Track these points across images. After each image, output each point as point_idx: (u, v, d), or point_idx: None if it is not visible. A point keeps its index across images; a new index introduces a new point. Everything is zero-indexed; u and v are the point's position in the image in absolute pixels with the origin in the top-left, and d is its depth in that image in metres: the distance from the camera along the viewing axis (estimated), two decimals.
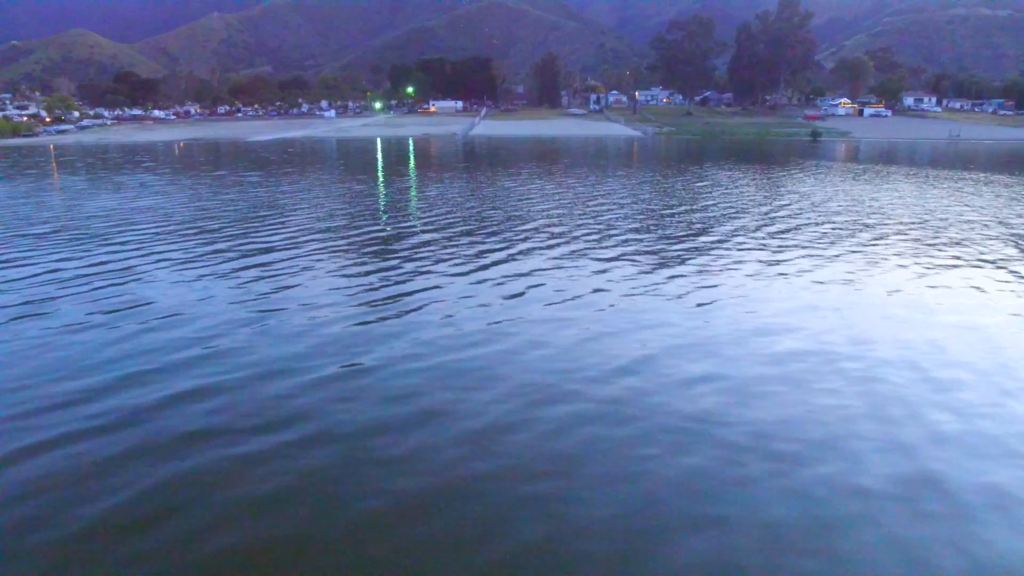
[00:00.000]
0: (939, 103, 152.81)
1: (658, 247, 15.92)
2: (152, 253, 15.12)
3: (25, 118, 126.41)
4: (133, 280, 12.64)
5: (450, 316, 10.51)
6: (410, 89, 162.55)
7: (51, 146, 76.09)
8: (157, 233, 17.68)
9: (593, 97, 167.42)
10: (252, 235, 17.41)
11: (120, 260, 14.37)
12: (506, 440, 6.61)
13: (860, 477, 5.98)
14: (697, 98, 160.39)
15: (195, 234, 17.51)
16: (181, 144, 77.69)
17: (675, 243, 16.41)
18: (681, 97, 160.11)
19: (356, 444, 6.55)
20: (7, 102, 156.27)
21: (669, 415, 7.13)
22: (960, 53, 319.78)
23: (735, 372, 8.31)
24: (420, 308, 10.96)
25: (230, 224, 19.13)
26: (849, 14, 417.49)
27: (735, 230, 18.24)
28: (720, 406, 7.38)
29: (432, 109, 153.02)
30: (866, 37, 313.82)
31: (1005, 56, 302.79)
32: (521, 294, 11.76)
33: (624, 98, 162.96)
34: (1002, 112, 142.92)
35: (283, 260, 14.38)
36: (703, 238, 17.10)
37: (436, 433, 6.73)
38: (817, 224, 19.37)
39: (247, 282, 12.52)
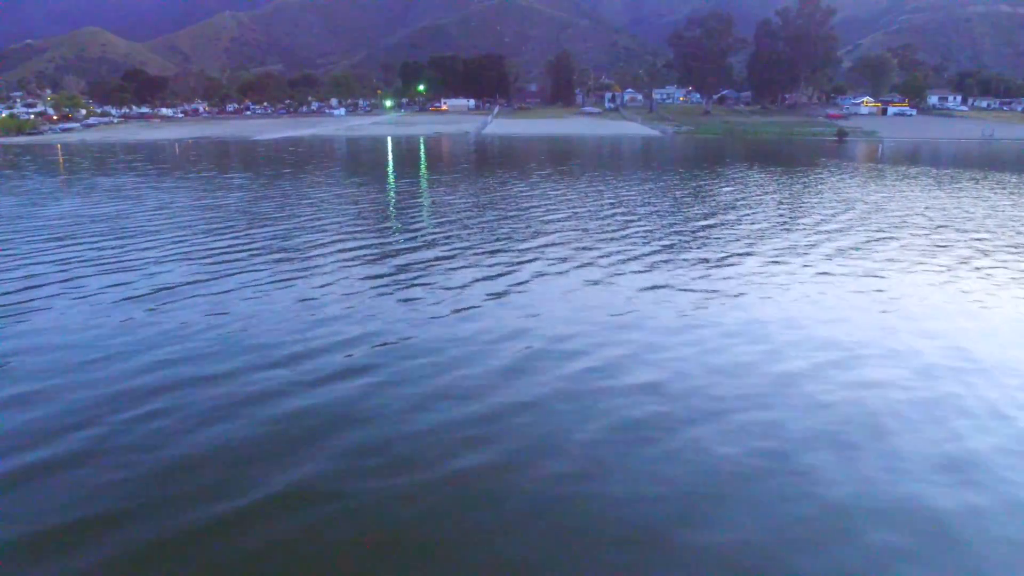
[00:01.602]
0: (964, 101, 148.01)
1: (712, 265, 12.69)
2: (70, 270, 12.13)
3: (32, 116, 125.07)
4: (37, 309, 9.62)
5: (463, 343, 8.04)
6: (421, 87, 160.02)
7: (58, 145, 73.80)
8: (94, 246, 14.67)
9: (608, 95, 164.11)
10: (216, 250, 14.30)
11: (30, 278, 11.35)
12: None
13: None
14: (715, 96, 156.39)
15: (145, 247, 14.43)
16: (189, 142, 75.15)
17: (726, 258, 13.16)
18: (698, 95, 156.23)
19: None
20: (17, 100, 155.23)
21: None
22: (979, 51, 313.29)
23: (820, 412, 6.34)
24: (423, 325, 8.87)
25: (193, 235, 16.05)
26: (865, 12, 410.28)
27: (800, 238, 14.97)
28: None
29: (444, 107, 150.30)
30: (883, 35, 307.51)
31: None
32: (552, 315, 8.90)
33: (639, 96, 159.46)
34: None
35: (249, 283, 11.29)
36: (758, 253, 13.81)
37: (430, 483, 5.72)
38: (895, 236, 16.07)
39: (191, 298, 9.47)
